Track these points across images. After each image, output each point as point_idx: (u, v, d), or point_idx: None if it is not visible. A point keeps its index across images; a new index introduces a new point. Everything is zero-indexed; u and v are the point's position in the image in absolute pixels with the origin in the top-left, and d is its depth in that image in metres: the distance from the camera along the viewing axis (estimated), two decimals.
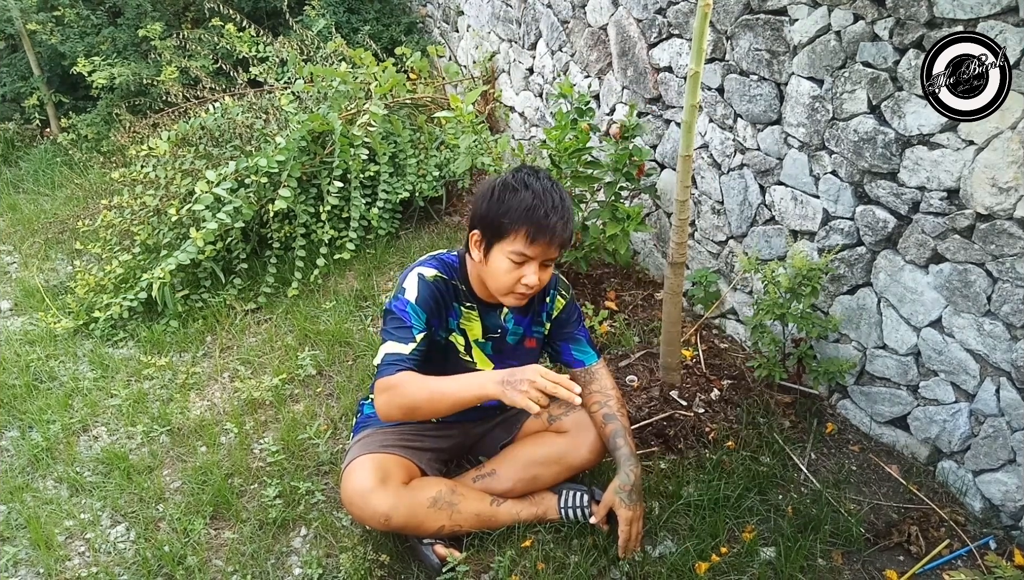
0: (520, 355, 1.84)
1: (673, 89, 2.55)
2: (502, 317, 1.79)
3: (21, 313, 3.09)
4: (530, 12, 3.41)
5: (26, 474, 2.16)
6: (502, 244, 1.60)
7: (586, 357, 1.86)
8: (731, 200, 2.39)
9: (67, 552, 1.88)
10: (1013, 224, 1.61)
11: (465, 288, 1.74)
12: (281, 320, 2.85)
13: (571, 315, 1.86)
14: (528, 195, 1.57)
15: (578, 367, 1.86)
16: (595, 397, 1.83)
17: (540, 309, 1.84)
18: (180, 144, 3.37)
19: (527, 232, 1.56)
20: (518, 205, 1.56)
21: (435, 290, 1.69)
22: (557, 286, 1.84)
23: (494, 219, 1.59)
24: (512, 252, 1.59)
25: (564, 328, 1.86)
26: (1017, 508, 1.76)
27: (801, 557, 1.72)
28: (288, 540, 1.87)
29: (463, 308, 1.75)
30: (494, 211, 1.59)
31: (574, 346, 1.86)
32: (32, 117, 5.01)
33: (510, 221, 1.57)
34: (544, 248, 1.59)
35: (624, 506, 1.69)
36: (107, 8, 4.87)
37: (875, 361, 2.03)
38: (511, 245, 1.58)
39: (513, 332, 1.82)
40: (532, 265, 1.60)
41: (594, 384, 1.84)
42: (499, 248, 1.60)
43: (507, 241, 1.59)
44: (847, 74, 1.87)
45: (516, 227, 1.56)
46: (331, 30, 4.17)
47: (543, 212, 1.55)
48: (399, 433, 1.84)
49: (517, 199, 1.57)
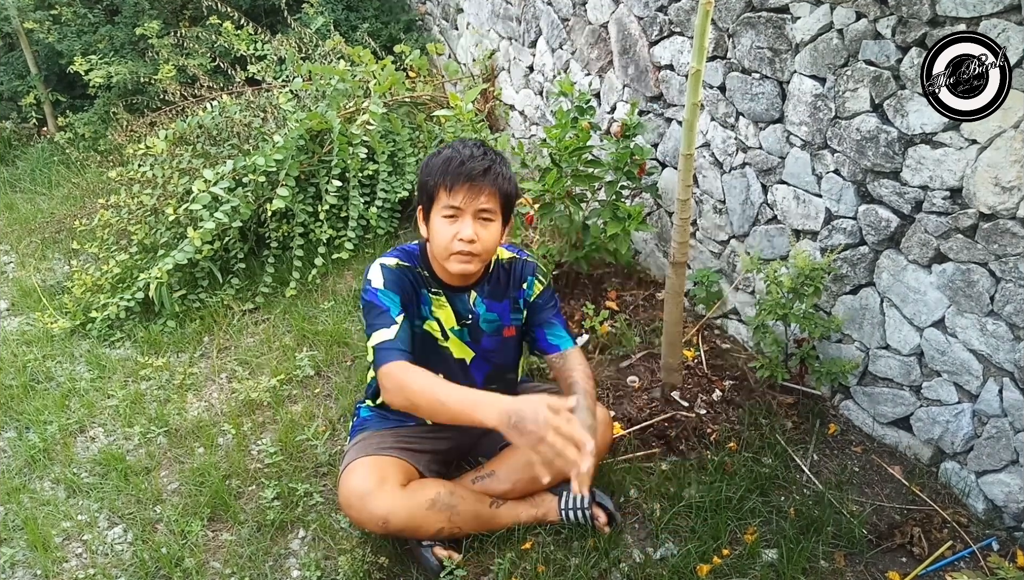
0: (499, 345, 1.82)
1: (674, 87, 2.53)
2: (471, 301, 1.77)
3: (18, 313, 3.07)
4: (530, 10, 3.40)
5: (23, 475, 2.14)
6: (435, 207, 1.64)
7: (561, 342, 1.83)
8: (733, 199, 2.38)
9: (64, 553, 1.86)
10: (1016, 223, 1.60)
11: (428, 274, 1.74)
12: (279, 320, 2.84)
13: (547, 301, 1.84)
14: (446, 151, 1.66)
15: (553, 353, 1.83)
16: (564, 374, 1.80)
17: (517, 295, 1.81)
18: (177, 143, 3.35)
19: (446, 182, 1.61)
20: (435, 163, 1.65)
21: (401, 275, 1.70)
22: (535, 272, 1.83)
23: (423, 185, 1.67)
24: (443, 208, 1.62)
25: (540, 313, 1.83)
26: (1020, 509, 1.75)
27: (803, 559, 1.71)
28: (286, 542, 1.86)
29: (431, 294, 1.74)
30: (422, 179, 1.67)
31: (549, 331, 1.83)
32: (29, 116, 4.99)
33: (433, 179, 1.63)
34: (468, 194, 1.60)
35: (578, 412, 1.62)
36: (104, 6, 4.85)
37: (878, 361, 2.02)
38: (440, 203, 1.63)
39: (486, 319, 1.79)
40: (464, 218, 1.62)
41: (564, 368, 1.81)
42: (435, 212, 1.65)
43: (438, 201, 1.63)
44: (849, 72, 1.86)
45: (438, 181, 1.62)
46: (329, 28, 4.15)
47: (459, 161, 1.62)
48: (397, 435, 1.82)
49: (437, 159, 1.66)
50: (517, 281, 1.81)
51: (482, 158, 1.63)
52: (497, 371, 1.86)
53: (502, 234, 1.71)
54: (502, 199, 1.66)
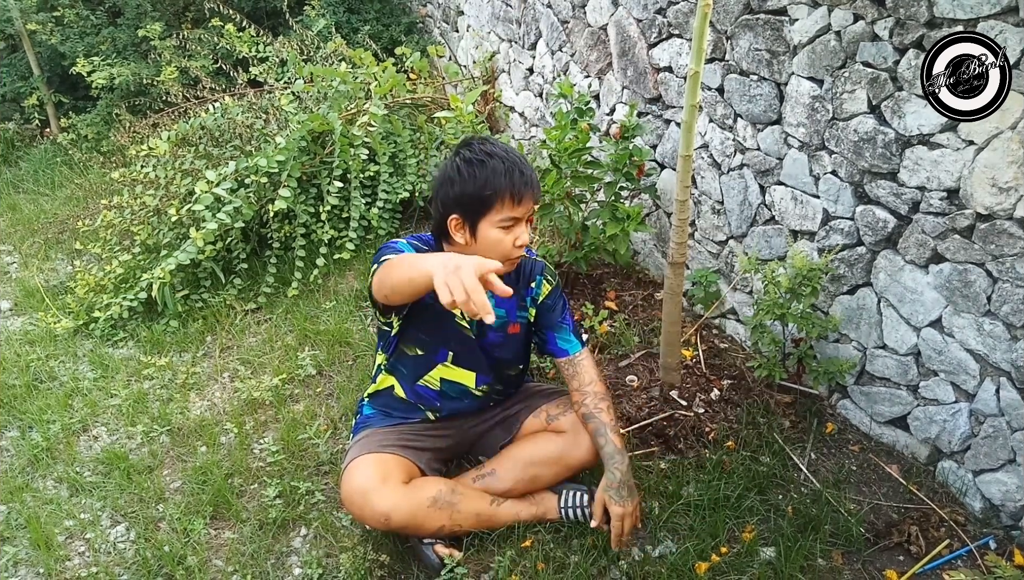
0: (503, 340, 1.83)
1: (673, 89, 2.55)
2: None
3: (21, 313, 3.09)
4: (530, 12, 3.41)
5: (26, 474, 2.16)
6: (489, 216, 1.60)
7: (569, 346, 1.85)
8: (731, 200, 2.39)
9: (67, 552, 1.88)
10: (1013, 224, 1.61)
11: None
12: (281, 320, 2.85)
13: (556, 301, 1.85)
14: (497, 162, 1.60)
15: (562, 357, 1.85)
16: (575, 396, 1.83)
17: (524, 293, 1.82)
18: (180, 144, 3.37)
19: (511, 195, 1.59)
20: (493, 174, 1.58)
21: (417, 248, 1.70)
22: (544, 272, 1.84)
23: (474, 196, 1.60)
24: (501, 220, 1.60)
25: (549, 314, 1.84)
26: (1017, 508, 1.76)
27: (801, 557, 1.72)
28: (288, 540, 1.87)
29: None
30: (471, 189, 1.59)
31: (559, 335, 1.85)
32: (32, 117, 5.01)
33: (492, 191, 1.58)
34: (528, 204, 1.62)
35: (614, 503, 1.70)
36: (107, 8, 4.87)
37: (875, 361, 2.03)
38: (499, 214, 1.60)
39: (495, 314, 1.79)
40: (521, 224, 1.63)
41: (575, 380, 1.83)
42: (486, 222, 1.61)
43: (494, 212, 1.60)
44: (847, 74, 1.87)
45: (500, 195, 1.58)
46: (331, 30, 4.17)
47: (518, 172, 1.59)
48: (398, 433, 1.84)
49: (489, 169, 1.59)
50: (525, 279, 1.82)
51: (527, 166, 1.63)
52: (498, 365, 1.86)
53: None
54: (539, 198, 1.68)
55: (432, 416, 1.88)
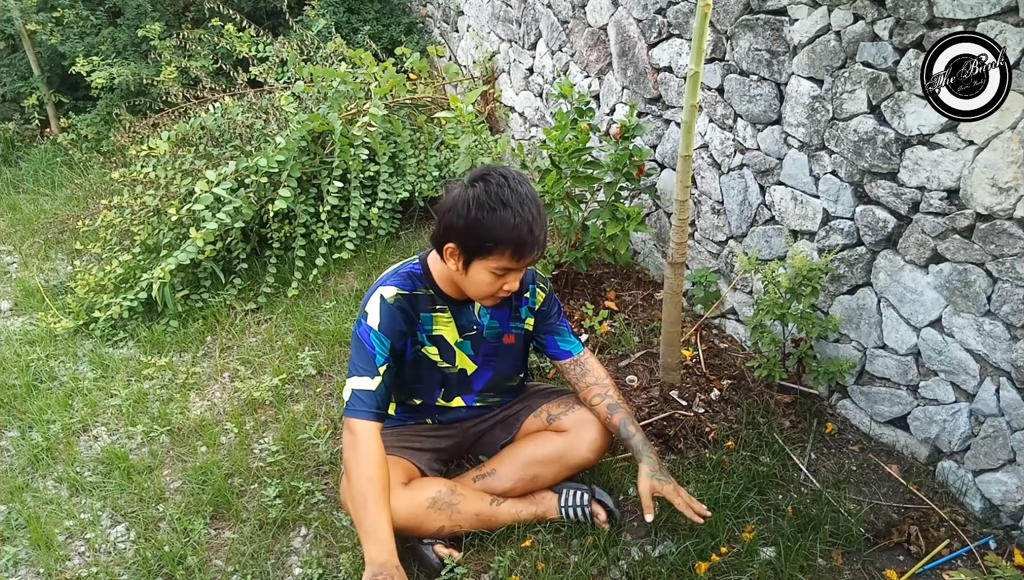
0: (500, 352, 1.84)
1: (673, 89, 2.55)
2: (476, 313, 1.78)
3: (21, 313, 3.09)
4: (530, 12, 3.41)
5: (26, 474, 2.16)
6: (485, 261, 1.57)
7: (572, 347, 1.87)
8: (731, 200, 2.39)
9: (67, 552, 1.88)
10: (1013, 224, 1.61)
11: (433, 292, 1.72)
12: (281, 320, 2.85)
13: (551, 307, 1.87)
14: (508, 214, 1.51)
15: (566, 358, 1.87)
16: (594, 390, 1.84)
17: (518, 304, 1.83)
18: (180, 144, 3.37)
19: (513, 251, 1.54)
20: (500, 226, 1.51)
21: (397, 311, 1.68)
22: (535, 280, 1.84)
23: (475, 239, 1.54)
24: (496, 268, 1.58)
25: (547, 320, 1.86)
26: (1017, 508, 1.76)
27: (801, 557, 1.72)
28: (288, 540, 1.87)
29: (434, 313, 1.73)
30: (473, 231, 1.53)
31: (559, 338, 1.87)
32: (32, 117, 5.01)
33: (494, 242, 1.53)
34: (528, 260, 1.59)
35: (664, 483, 1.72)
36: (107, 8, 4.87)
37: (875, 361, 2.03)
38: (495, 262, 1.56)
39: (489, 326, 1.80)
40: (515, 274, 1.62)
41: (588, 376, 1.85)
42: (481, 264, 1.58)
43: (491, 259, 1.56)
44: (847, 74, 1.87)
45: (501, 248, 1.54)
46: (331, 30, 4.17)
47: (526, 230, 1.52)
48: (397, 434, 1.84)
49: (498, 220, 1.51)
50: (520, 290, 1.80)
51: (540, 219, 1.55)
52: (497, 379, 1.88)
53: None
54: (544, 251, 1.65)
55: (431, 422, 1.90)
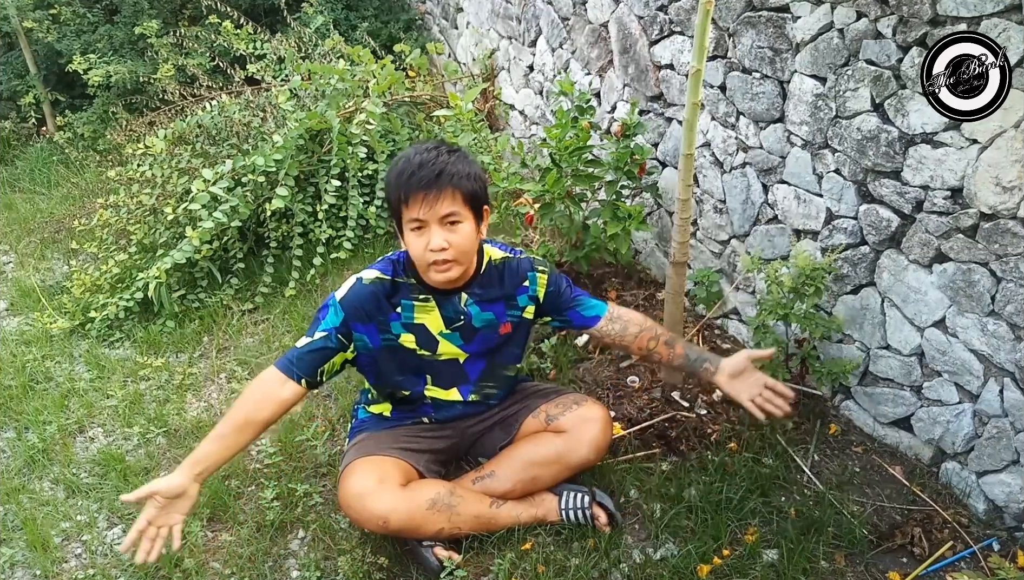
0: (495, 342, 1.80)
1: (675, 87, 2.53)
2: (462, 302, 1.74)
3: (17, 313, 3.07)
4: (530, 9, 3.39)
5: (22, 475, 2.14)
6: (403, 222, 1.61)
7: (597, 309, 1.83)
8: (733, 199, 2.38)
9: (64, 554, 1.86)
10: (1017, 223, 1.59)
11: (415, 280, 1.71)
12: (278, 320, 2.83)
13: (559, 285, 1.82)
14: (400, 163, 1.60)
15: (596, 323, 1.82)
16: (644, 336, 1.81)
17: (515, 293, 1.78)
18: (177, 142, 3.35)
19: (402, 196, 1.58)
20: (390, 179, 1.61)
21: (369, 293, 1.68)
22: (533, 266, 1.80)
23: (389, 201, 1.64)
24: (408, 222, 1.59)
25: (559, 299, 1.82)
26: (1021, 509, 1.75)
27: (804, 559, 1.71)
28: (286, 543, 1.85)
29: (416, 301, 1.71)
30: (386, 196, 1.65)
31: (580, 308, 1.83)
32: (28, 115, 4.98)
33: (393, 195, 1.61)
34: (424, 204, 1.56)
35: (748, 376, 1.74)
36: (103, 6, 4.85)
37: (879, 362, 2.02)
38: (405, 217, 1.60)
39: (481, 318, 1.76)
40: (430, 227, 1.58)
41: (631, 327, 1.82)
42: (404, 227, 1.62)
43: (402, 217, 1.60)
44: (850, 72, 1.86)
45: (396, 197, 1.59)
46: (329, 27, 4.15)
47: (409, 172, 1.57)
48: (395, 436, 1.83)
49: (391, 174, 1.61)
50: (514, 281, 1.78)
51: (432, 164, 1.56)
52: (492, 368, 1.85)
53: (478, 232, 1.66)
54: (465, 198, 1.59)
55: (427, 421, 1.87)
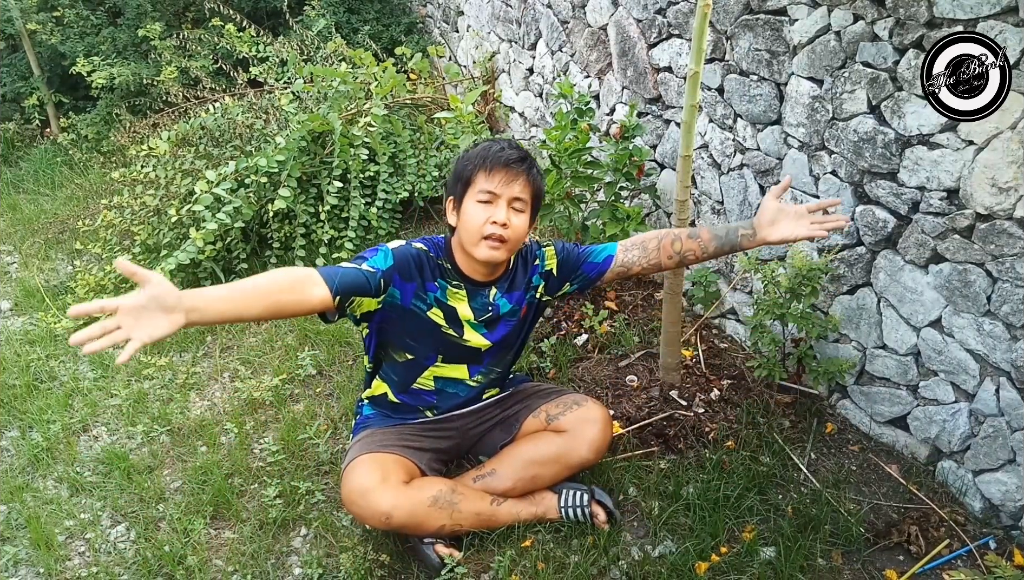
0: (515, 326, 1.84)
1: (673, 89, 2.55)
2: (491, 297, 1.78)
3: (21, 313, 3.09)
4: (530, 12, 3.41)
5: (26, 474, 2.16)
6: (470, 192, 1.69)
7: (608, 249, 1.83)
8: (731, 200, 2.39)
9: (67, 552, 1.88)
10: (1013, 224, 1.61)
11: (451, 266, 1.76)
12: (281, 320, 2.85)
13: (566, 248, 1.86)
14: (482, 144, 1.75)
15: (612, 261, 1.82)
16: (665, 242, 1.79)
17: (531, 276, 1.84)
18: (180, 144, 3.37)
19: (486, 166, 1.68)
20: (474, 153, 1.73)
21: (417, 256, 1.72)
22: (539, 245, 1.87)
23: (459, 175, 1.72)
24: (479, 192, 1.67)
25: (570, 260, 1.85)
26: (1017, 508, 1.76)
27: (801, 557, 1.72)
28: (288, 540, 1.87)
29: (450, 286, 1.75)
30: (459, 169, 1.73)
31: (592, 257, 1.84)
32: (32, 117, 5.01)
33: (471, 166, 1.70)
34: (504, 180, 1.67)
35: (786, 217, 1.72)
36: (107, 8, 4.87)
37: (875, 361, 2.03)
38: (476, 187, 1.68)
39: (505, 307, 1.81)
40: (499, 202, 1.67)
41: (650, 243, 1.80)
42: (468, 198, 1.69)
43: (472, 187, 1.69)
44: (847, 74, 1.88)
45: (477, 165, 1.69)
46: (331, 30, 4.17)
47: (498, 148, 1.70)
48: (399, 433, 1.84)
49: (473, 150, 1.74)
50: (527, 265, 1.84)
51: (518, 150, 1.73)
52: (504, 352, 1.88)
53: (528, 229, 1.75)
54: (534, 192, 1.72)
55: (431, 414, 1.88)
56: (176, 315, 1.27)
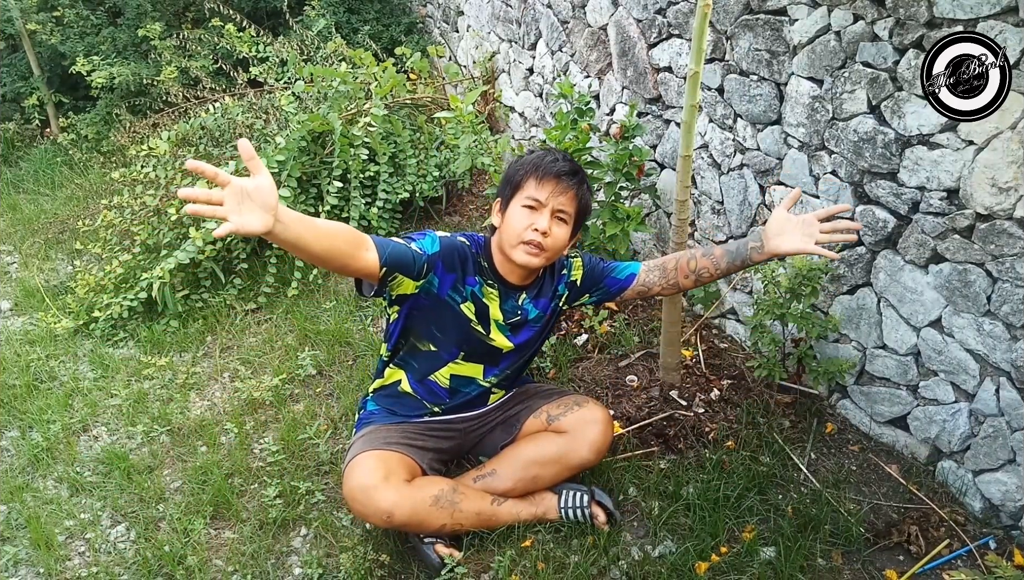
0: (538, 331, 1.86)
1: (673, 89, 2.55)
2: (520, 301, 1.81)
3: (21, 313, 3.09)
4: (530, 12, 3.41)
5: (26, 474, 2.16)
6: (517, 196, 1.73)
7: (632, 268, 1.86)
8: (731, 200, 2.39)
9: (67, 552, 1.88)
10: (1013, 224, 1.61)
11: (488, 265, 1.78)
12: (281, 320, 2.85)
13: (593, 264, 1.88)
14: (537, 152, 1.80)
15: (634, 280, 1.85)
16: (682, 262, 1.81)
17: (557, 283, 1.86)
18: (180, 144, 3.37)
19: (536, 175, 1.72)
20: (528, 159, 1.77)
21: (461, 249, 1.75)
22: (568, 256, 1.88)
23: (509, 178, 1.76)
24: (526, 198, 1.71)
25: (595, 273, 1.87)
26: (1017, 508, 1.76)
27: (801, 557, 1.72)
28: (288, 540, 1.87)
29: (485, 285, 1.77)
30: (510, 173, 1.77)
31: (616, 274, 1.86)
32: (32, 117, 5.01)
33: (523, 172, 1.74)
34: (553, 190, 1.70)
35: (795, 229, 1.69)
36: (107, 8, 4.87)
37: (875, 361, 2.03)
38: (524, 193, 1.72)
39: (532, 313, 1.84)
40: (544, 211, 1.70)
41: (668, 264, 1.83)
42: (515, 201, 1.73)
43: (521, 192, 1.73)
44: (847, 74, 1.88)
45: (526, 174, 1.73)
46: (331, 30, 4.17)
47: (550, 158, 1.75)
48: (402, 431, 1.84)
49: (528, 157, 1.79)
50: (555, 274, 1.86)
51: (572, 163, 1.77)
52: (522, 356, 1.89)
53: (569, 243, 1.77)
54: (579, 207, 1.75)
55: (437, 409, 1.88)
56: (269, 217, 1.30)
